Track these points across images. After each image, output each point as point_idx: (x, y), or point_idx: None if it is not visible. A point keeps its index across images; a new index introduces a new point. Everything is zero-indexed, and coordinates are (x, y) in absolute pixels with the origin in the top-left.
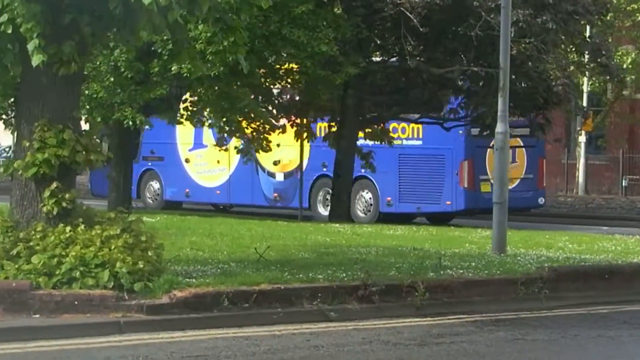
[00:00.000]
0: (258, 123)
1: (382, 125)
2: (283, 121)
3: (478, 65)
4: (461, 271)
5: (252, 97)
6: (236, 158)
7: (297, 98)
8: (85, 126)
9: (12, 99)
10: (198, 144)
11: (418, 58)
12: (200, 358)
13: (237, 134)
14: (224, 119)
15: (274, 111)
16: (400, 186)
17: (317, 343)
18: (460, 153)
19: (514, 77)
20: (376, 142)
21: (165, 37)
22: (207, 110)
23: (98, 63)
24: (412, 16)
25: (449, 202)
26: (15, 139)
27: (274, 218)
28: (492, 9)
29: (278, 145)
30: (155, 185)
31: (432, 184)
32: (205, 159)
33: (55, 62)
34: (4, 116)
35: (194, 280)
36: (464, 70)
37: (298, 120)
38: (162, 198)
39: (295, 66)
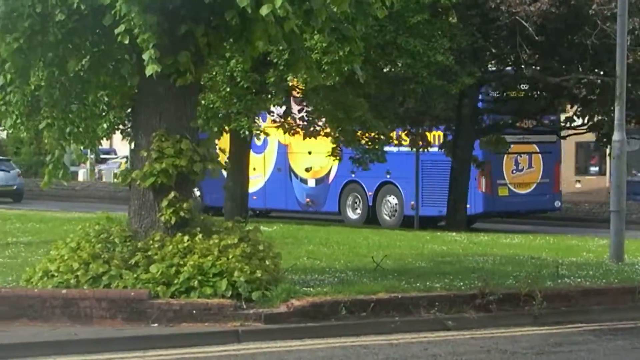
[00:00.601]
0: (373, 133)
1: (497, 134)
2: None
3: (594, 73)
4: (579, 280)
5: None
6: (270, 165)
7: (412, 107)
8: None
9: (130, 110)
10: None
11: (534, 67)
12: None
13: (352, 144)
14: (339, 129)
15: (389, 121)
16: (423, 191)
17: (434, 352)
18: (478, 159)
19: (629, 85)
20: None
21: (281, 47)
22: (323, 120)
23: (214, 73)
24: (528, 25)
25: (468, 206)
26: (132, 149)
27: (308, 221)
28: (608, 17)
29: (309, 152)
30: (196, 192)
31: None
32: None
33: (171, 73)
34: (121, 126)
35: (311, 289)
36: (579, 78)
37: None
38: (202, 202)
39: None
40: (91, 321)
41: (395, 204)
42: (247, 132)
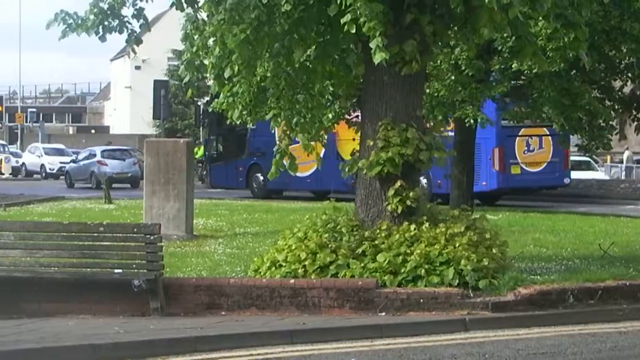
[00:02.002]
0: (600, 120)
1: None
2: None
3: None
4: None
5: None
6: (322, 151)
7: (639, 93)
8: None
9: (355, 99)
10: (294, 140)
11: None
12: (546, 355)
13: (578, 132)
14: (564, 116)
15: (615, 106)
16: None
17: None
18: (492, 141)
19: None
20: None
21: (505, 35)
22: (547, 107)
23: (439, 62)
24: None
25: (484, 183)
26: (359, 138)
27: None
28: None
29: (354, 139)
30: (260, 177)
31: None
32: (297, 153)
33: (397, 62)
34: (347, 116)
35: (538, 277)
36: None
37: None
38: (266, 187)
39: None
40: (319, 310)
41: (425, 182)
42: (472, 121)
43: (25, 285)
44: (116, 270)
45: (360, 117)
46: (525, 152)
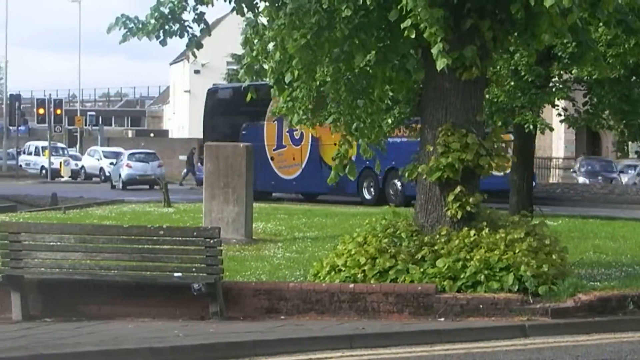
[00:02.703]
0: None
1: None
2: None
3: None
4: None
5: None
6: (306, 156)
7: None
8: None
9: (414, 104)
10: (280, 144)
11: None
12: None
13: (639, 138)
14: (624, 122)
15: None
16: None
17: None
18: None
19: None
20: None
21: (565, 40)
22: (606, 112)
23: (498, 67)
24: None
25: None
26: (419, 144)
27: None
28: None
29: (335, 144)
30: None
31: None
32: (284, 157)
33: (457, 67)
34: (405, 121)
35: (598, 283)
36: None
37: None
38: (254, 189)
39: None
40: (378, 315)
41: (400, 185)
42: (531, 127)
43: (85, 288)
44: (176, 274)
45: (420, 122)
46: None
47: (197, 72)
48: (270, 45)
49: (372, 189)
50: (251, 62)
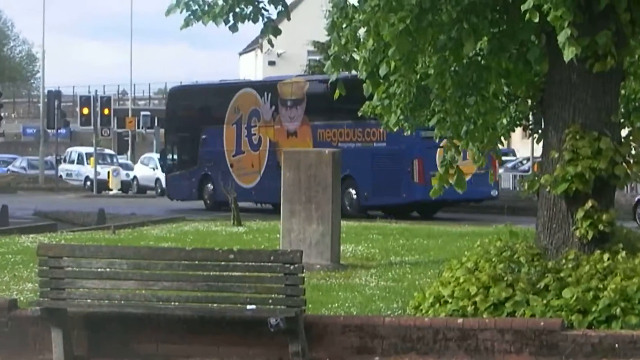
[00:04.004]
0: None
1: None
2: None
3: None
4: None
5: None
6: (264, 162)
7: None
8: None
9: (535, 102)
10: (239, 150)
11: None
12: None
13: None
14: None
15: None
16: (373, 182)
17: None
18: (412, 152)
19: None
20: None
21: None
22: None
23: (637, 57)
24: None
25: (405, 195)
26: (542, 149)
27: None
28: None
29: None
30: (210, 188)
31: (394, 179)
32: (243, 163)
33: (587, 57)
34: (524, 122)
35: None
36: None
37: None
38: (215, 199)
39: None
40: (492, 356)
41: (355, 194)
42: None
43: (139, 322)
44: (248, 306)
45: (543, 124)
46: None
47: (271, 63)
48: (362, 32)
49: None
50: (339, 52)
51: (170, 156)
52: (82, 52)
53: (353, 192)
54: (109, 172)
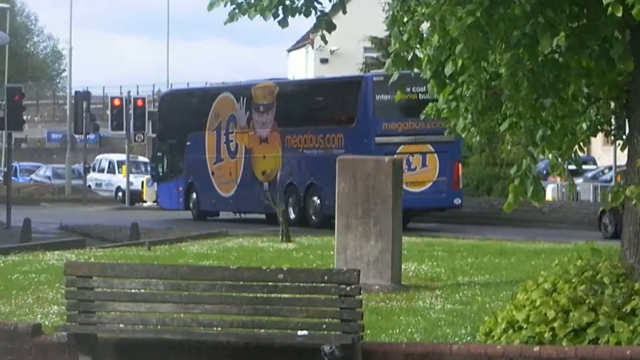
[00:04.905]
0: None
1: None
2: None
3: None
4: None
5: None
6: (240, 170)
7: None
8: None
9: (618, 104)
10: (219, 157)
11: None
12: None
13: None
14: None
15: None
16: (334, 190)
17: None
18: None
19: None
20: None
21: None
22: None
23: None
24: None
25: None
26: (626, 157)
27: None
28: None
29: (264, 157)
30: (194, 197)
31: None
32: (222, 171)
33: None
34: (605, 126)
35: None
36: None
37: None
38: (199, 208)
39: None
40: None
41: (318, 203)
42: None
43: (178, 349)
44: (300, 332)
45: (627, 128)
46: (406, 170)
47: (324, 61)
48: (426, 27)
49: (296, 208)
50: (400, 49)
51: (160, 164)
52: (113, 48)
53: (317, 201)
54: (142, 182)
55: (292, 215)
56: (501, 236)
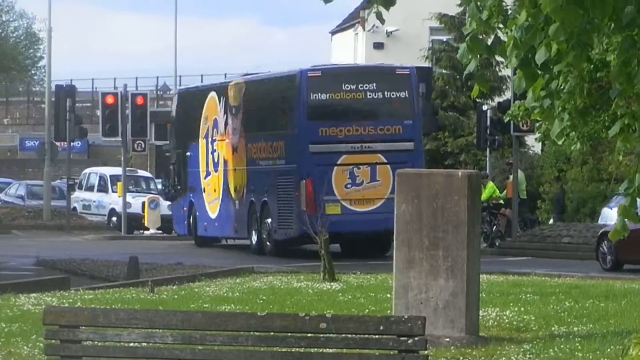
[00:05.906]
0: None
1: None
2: None
3: None
4: None
5: None
6: (221, 184)
7: None
8: None
9: None
10: (208, 171)
11: None
12: None
13: None
14: None
15: None
16: (278, 211)
17: None
18: (297, 172)
19: None
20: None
21: None
22: None
23: None
24: None
25: (294, 227)
26: None
27: None
28: None
29: (235, 170)
30: (191, 218)
31: (287, 207)
32: (211, 187)
33: None
34: None
35: None
36: None
37: None
38: (197, 233)
39: None
40: None
41: (270, 226)
42: None
43: None
44: None
45: None
46: (349, 185)
47: (378, 45)
48: (511, 1)
49: (256, 232)
50: (478, 31)
51: (171, 179)
52: (105, 29)
53: (270, 222)
54: (144, 204)
55: (254, 240)
56: (608, 274)
